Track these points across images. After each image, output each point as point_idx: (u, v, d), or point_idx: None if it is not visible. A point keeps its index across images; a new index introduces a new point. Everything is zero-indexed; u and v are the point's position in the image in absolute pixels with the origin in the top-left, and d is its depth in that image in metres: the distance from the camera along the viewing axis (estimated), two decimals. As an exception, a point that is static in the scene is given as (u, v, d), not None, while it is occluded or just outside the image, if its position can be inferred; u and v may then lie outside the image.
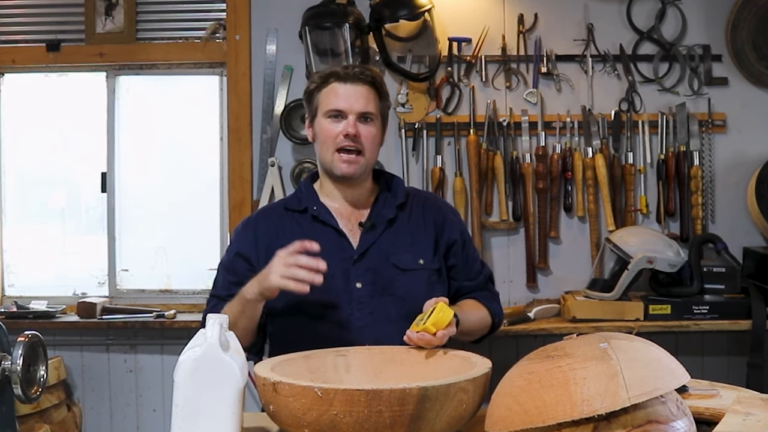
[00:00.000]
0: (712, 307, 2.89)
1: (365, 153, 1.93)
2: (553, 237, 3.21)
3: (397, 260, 1.94)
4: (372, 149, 1.95)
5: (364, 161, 1.93)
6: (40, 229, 3.52)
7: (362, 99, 1.92)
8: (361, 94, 1.92)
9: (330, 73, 1.95)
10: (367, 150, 1.93)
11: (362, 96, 1.92)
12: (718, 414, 1.34)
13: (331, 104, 1.93)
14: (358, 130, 1.91)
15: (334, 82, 1.93)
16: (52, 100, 3.46)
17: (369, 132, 1.93)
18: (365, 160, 1.94)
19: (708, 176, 3.17)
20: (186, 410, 1.35)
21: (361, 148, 1.92)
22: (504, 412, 1.19)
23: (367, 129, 1.93)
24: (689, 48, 3.18)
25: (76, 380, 3.33)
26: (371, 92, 1.94)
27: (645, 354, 1.18)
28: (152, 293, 3.40)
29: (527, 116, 3.19)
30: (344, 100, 1.92)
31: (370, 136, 1.93)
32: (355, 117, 1.91)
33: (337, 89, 1.93)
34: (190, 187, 3.44)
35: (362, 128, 1.92)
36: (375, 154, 1.97)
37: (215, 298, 1.98)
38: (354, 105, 1.91)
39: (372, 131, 1.94)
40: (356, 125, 1.91)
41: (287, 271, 1.68)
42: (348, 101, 1.92)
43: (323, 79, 1.95)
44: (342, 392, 1.29)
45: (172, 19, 3.36)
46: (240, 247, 1.99)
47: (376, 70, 2.06)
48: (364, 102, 1.92)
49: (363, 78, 1.93)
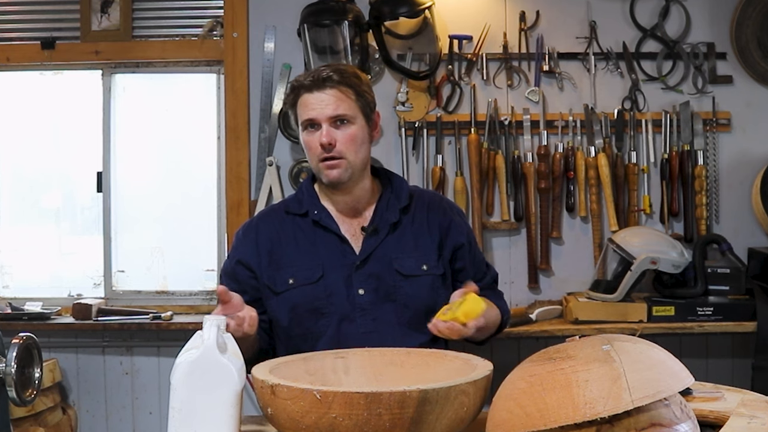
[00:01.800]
0: (716, 308, 2.89)
1: (347, 156, 1.90)
2: (555, 237, 3.21)
3: (400, 266, 1.93)
4: (354, 150, 1.91)
5: (347, 164, 1.90)
6: (34, 229, 3.51)
7: (332, 103, 1.88)
8: (330, 99, 1.88)
9: (297, 86, 1.92)
10: (349, 152, 1.90)
11: (331, 101, 1.88)
12: (722, 417, 1.34)
13: (303, 115, 1.91)
14: (334, 136, 1.88)
15: (303, 94, 1.91)
16: (47, 99, 3.46)
17: (346, 135, 1.90)
18: (348, 163, 1.90)
19: (712, 176, 3.17)
20: (183, 413, 1.35)
21: (340, 154, 1.89)
22: (505, 415, 1.19)
23: (344, 132, 1.90)
24: (693, 46, 3.18)
25: (72, 383, 3.33)
26: (342, 93, 1.89)
27: (648, 356, 1.18)
28: (149, 294, 3.39)
29: (529, 115, 3.19)
30: (314, 110, 1.89)
31: (347, 138, 1.90)
32: (328, 124, 1.88)
33: (307, 100, 1.90)
34: (186, 187, 3.44)
35: (338, 133, 1.89)
36: (361, 155, 1.93)
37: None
38: (324, 111, 1.88)
39: (350, 132, 1.90)
40: (330, 132, 1.88)
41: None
42: (317, 109, 1.89)
43: (293, 93, 1.94)
44: (341, 395, 1.29)
45: (168, 16, 3.36)
46: (241, 255, 1.98)
47: (347, 66, 2.04)
48: (333, 106, 1.88)
49: (330, 83, 1.89)
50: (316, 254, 1.94)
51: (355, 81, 1.92)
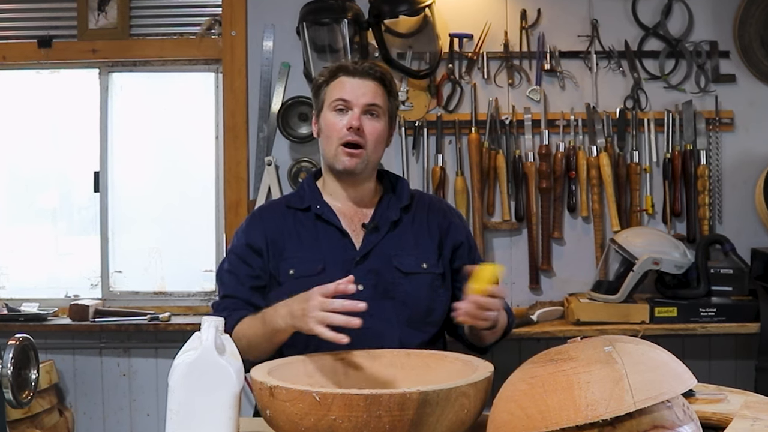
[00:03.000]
0: (719, 309, 2.89)
1: (368, 148, 1.92)
2: (556, 238, 3.21)
3: (400, 263, 1.94)
4: (376, 145, 1.94)
5: (366, 156, 1.93)
6: (31, 229, 3.51)
7: (369, 92, 1.93)
8: (368, 88, 1.93)
9: (339, 67, 1.97)
10: (370, 145, 1.93)
11: (369, 90, 1.93)
12: (725, 419, 1.34)
13: (337, 94, 1.93)
14: (363, 124, 1.91)
15: (342, 76, 1.95)
16: (44, 98, 3.46)
17: (374, 127, 1.93)
18: (367, 155, 1.93)
19: (715, 175, 3.17)
20: (181, 415, 1.35)
21: (364, 143, 1.92)
22: (506, 417, 1.19)
23: (372, 124, 1.93)
24: (696, 44, 3.18)
25: (68, 384, 3.33)
26: (379, 88, 1.95)
27: (651, 357, 1.18)
28: (146, 295, 3.39)
29: (530, 114, 3.19)
30: (350, 92, 1.93)
31: (375, 131, 1.93)
32: (360, 110, 1.92)
33: (345, 82, 1.94)
34: (184, 187, 3.44)
35: (367, 123, 1.92)
36: (379, 152, 1.97)
37: (230, 298, 1.94)
38: (360, 98, 1.92)
39: (377, 127, 1.94)
40: (360, 118, 1.91)
41: (325, 318, 1.60)
42: (354, 93, 1.92)
43: (332, 72, 1.97)
44: (340, 396, 1.29)
45: (166, 14, 3.36)
46: (250, 239, 1.97)
47: (387, 67, 2.07)
48: (371, 95, 1.93)
49: (372, 73, 1.94)
50: (317, 248, 1.94)
51: (391, 82, 2.00)
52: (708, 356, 3.19)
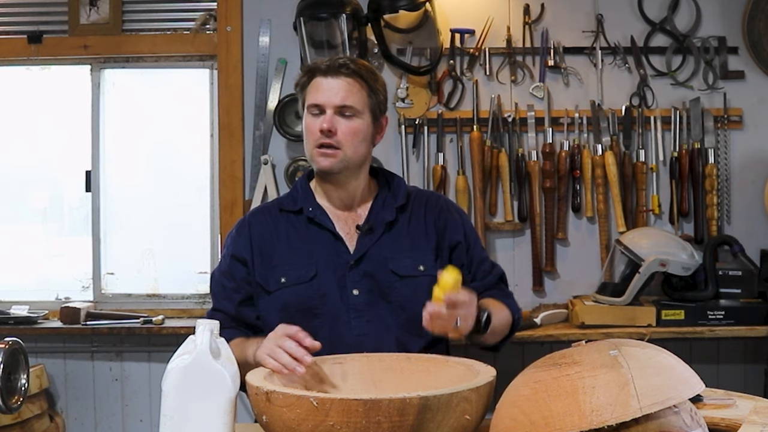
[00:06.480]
0: (727, 312, 2.89)
1: (344, 148, 1.90)
2: (560, 238, 3.21)
3: (396, 266, 1.93)
4: (353, 145, 1.92)
5: (344, 156, 1.91)
6: (21, 229, 3.51)
7: (341, 92, 1.90)
8: (341, 88, 1.91)
9: (312, 68, 1.96)
10: (346, 145, 1.91)
11: (342, 89, 1.91)
12: (734, 425, 1.34)
13: (311, 99, 1.93)
14: (335, 125, 1.89)
15: (317, 77, 1.93)
16: (34, 95, 3.46)
17: (349, 127, 1.91)
18: (344, 155, 1.91)
19: (723, 175, 3.18)
20: (174, 421, 1.35)
21: (338, 144, 1.90)
22: (509, 423, 1.19)
23: (347, 124, 1.91)
24: (704, 40, 3.18)
25: (59, 389, 3.33)
26: (354, 85, 1.92)
27: (657, 362, 1.18)
28: (139, 298, 3.39)
29: (533, 112, 3.19)
30: (323, 95, 1.91)
31: (349, 131, 1.91)
32: (332, 111, 1.90)
33: (319, 84, 1.93)
34: (178, 186, 3.44)
35: (341, 123, 1.90)
36: (360, 150, 1.94)
37: (219, 312, 1.96)
38: (332, 99, 1.90)
39: (352, 126, 1.91)
40: (332, 120, 1.89)
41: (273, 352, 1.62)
42: (326, 95, 1.91)
43: (306, 74, 1.96)
44: (339, 402, 1.29)
45: (159, 9, 3.36)
46: (236, 250, 1.99)
47: (365, 62, 2.05)
48: (342, 95, 1.90)
49: (345, 71, 1.91)
50: (309, 253, 1.94)
51: (371, 76, 1.95)
52: (716, 360, 3.19)
